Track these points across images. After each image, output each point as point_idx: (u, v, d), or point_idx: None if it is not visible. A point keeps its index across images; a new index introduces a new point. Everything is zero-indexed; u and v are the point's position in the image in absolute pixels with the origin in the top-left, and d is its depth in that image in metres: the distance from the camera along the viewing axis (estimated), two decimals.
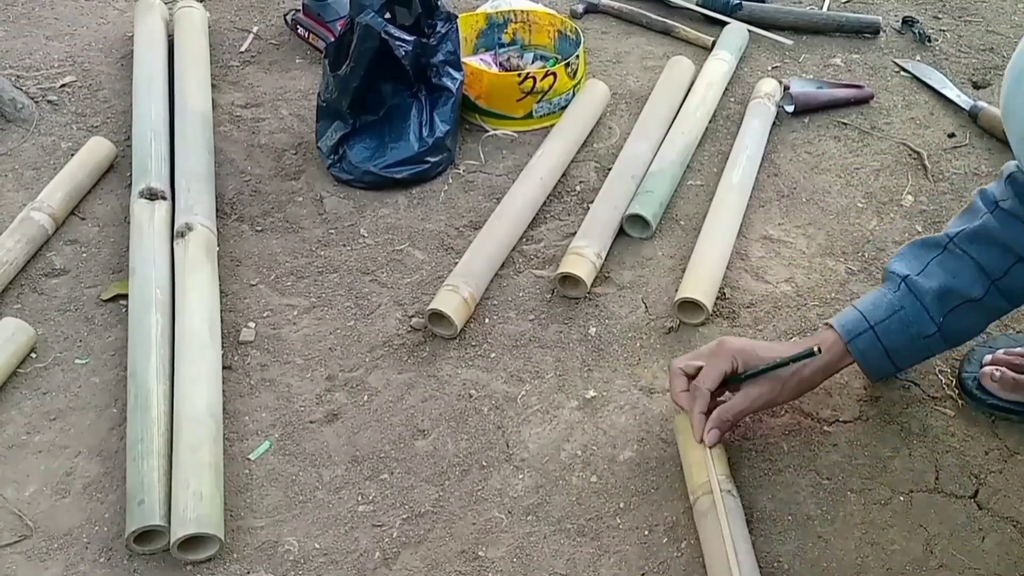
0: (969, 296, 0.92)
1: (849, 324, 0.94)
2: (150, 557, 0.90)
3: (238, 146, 1.42)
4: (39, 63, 1.56)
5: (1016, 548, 0.90)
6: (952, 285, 0.92)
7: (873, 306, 0.95)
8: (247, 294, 1.18)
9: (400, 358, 1.11)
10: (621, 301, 1.17)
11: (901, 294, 0.94)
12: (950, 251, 0.93)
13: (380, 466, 0.99)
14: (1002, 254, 0.91)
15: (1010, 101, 0.74)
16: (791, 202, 1.32)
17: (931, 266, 0.94)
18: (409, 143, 1.33)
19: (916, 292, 0.93)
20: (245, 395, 1.06)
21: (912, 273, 0.94)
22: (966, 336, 0.97)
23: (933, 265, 0.94)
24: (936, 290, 0.92)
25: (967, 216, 0.95)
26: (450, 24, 1.35)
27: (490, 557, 0.91)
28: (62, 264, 1.21)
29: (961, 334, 0.96)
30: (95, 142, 1.35)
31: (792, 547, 0.90)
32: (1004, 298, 0.92)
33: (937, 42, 1.65)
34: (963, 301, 0.92)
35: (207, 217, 1.22)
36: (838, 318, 0.96)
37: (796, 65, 1.61)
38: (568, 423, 1.03)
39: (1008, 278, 0.91)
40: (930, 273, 0.93)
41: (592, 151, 1.41)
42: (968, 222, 0.93)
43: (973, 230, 0.92)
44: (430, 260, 1.23)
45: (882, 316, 0.94)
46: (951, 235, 0.94)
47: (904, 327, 0.93)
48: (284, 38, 1.66)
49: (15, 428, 1.02)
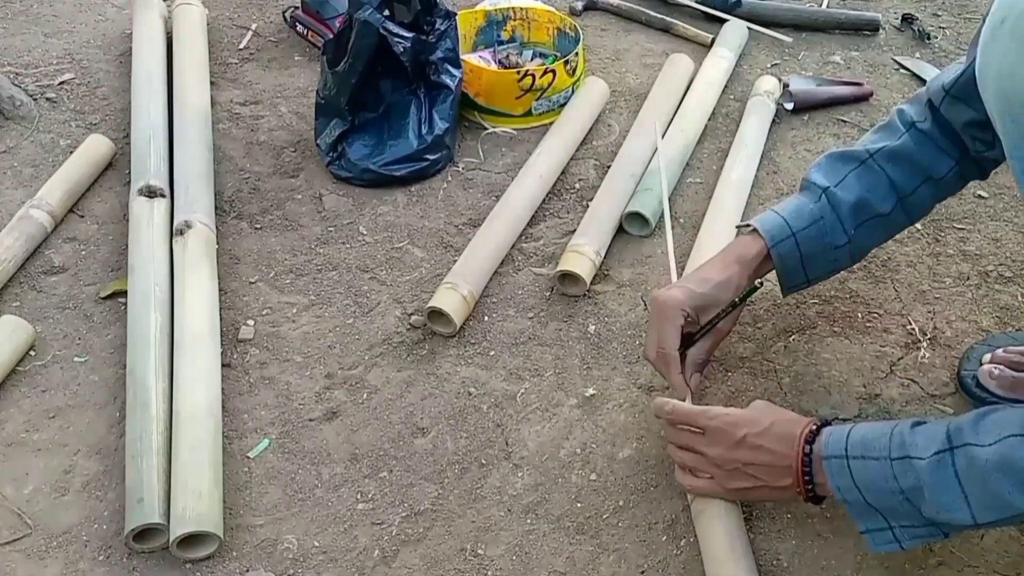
0: (879, 211, 0.96)
1: (774, 230, 0.96)
2: (149, 555, 0.90)
3: (237, 144, 1.42)
4: (38, 60, 1.56)
5: (1015, 546, 0.90)
6: (867, 199, 0.95)
7: (796, 214, 0.97)
8: (246, 292, 1.18)
9: (399, 356, 1.11)
10: (620, 299, 1.17)
11: (821, 204, 0.96)
12: (868, 166, 0.96)
13: (379, 464, 0.99)
14: (912, 173, 0.95)
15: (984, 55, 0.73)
16: None
17: (849, 179, 0.96)
18: (408, 141, 1.33)
19: (834, 203, 0.96)
20: (244, 393, 1.06)
21: (831, 184, 0.96)
22: (867, 250, 1.01)
23: (851, 178, 0.96)
24: (852, 203, 0.95)
25: (885, 133, 0.98)
26: (449, 21, 1.35)
27: (489, 555, 0.91)
28: (61, 262, 1.21)
29: (864, 248, 1.00)
30: (94, 140, 1.35)
31: (791, 545, 0.91)
32: (906, 214, 0.98)
33: (936, 39, 1.65)
34: (873, 215, 0.96)
35: (206, 215, 1.22)
36: (761, 221, 0.97)
37: (795, 62, 1.60)
38: (567, 421, 1.03)
39: (914, 195, 0.96)
40: (847, 186, 0.96)
41: (591, 149, 1.41)
42: (887, 140, 0.97)
43: (892, 149, 0.96)
44: (429, 258, 1.23)
45: (803, 224, 0.96)
46: (871, 151, 0.96)
47: (820, 236, 0.96)
48: (283, 35, 1.66)
49: (14, 426, 1.02)
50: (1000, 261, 1.21)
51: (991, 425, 0.72)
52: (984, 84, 0.73)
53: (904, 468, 0.75)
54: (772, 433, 0.84)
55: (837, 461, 0.79)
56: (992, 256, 1.22)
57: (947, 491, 0.73)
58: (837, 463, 0.79)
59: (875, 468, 0.77)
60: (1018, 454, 0.69)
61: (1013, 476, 0.69)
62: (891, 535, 0.79)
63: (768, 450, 0.84)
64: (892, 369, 1.07)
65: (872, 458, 0.77)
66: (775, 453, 0.83)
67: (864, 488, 0.78)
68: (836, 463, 0.80)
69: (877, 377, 1.06)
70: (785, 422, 0.85)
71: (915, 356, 1.09)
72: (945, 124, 0.94)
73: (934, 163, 0.95)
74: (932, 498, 0.74)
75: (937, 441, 0.74)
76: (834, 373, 1.07)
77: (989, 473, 0.70)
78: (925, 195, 0.96)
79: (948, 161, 0.94)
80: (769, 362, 1.08)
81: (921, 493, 0.74)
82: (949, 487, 0.73)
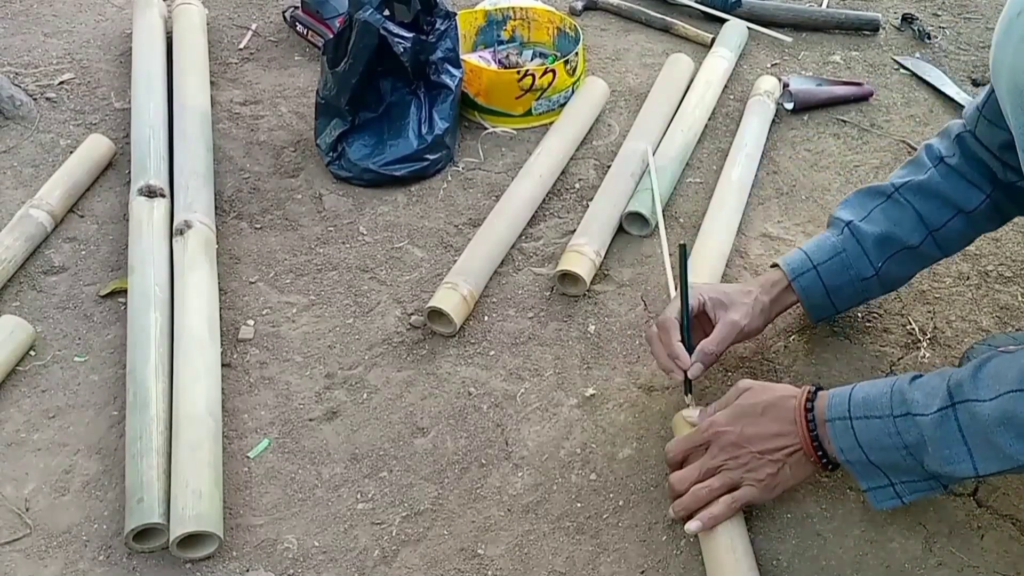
0: (907, 244, 0.98)
1: (794, 263, 1.00)
2: (149, 555, 0.90)
3: (237, 143, 1.42)
4: (38, 60, 1.56)
5: (1015, 546, 0.90)
6: (893, 232, 0.98)
7: (817, 248, 1.00)
8: (246, 292, 1.18)
9: (399, 356, 1.11)
10: (620, 299, 1.17)
11: (844, 238, 0.99)
12: (894, 200, 0.99)
13: (379, 464, 0.99)
14: (942, 207, 0.97)
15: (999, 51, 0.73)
16: (790, 200, 1.32)
17: (874, 213, 0.99)
18: (408, 140, 1.33)
19: (858, 236, 0.99)
20: (244, 393, 1.06)
21: (855, 219, 0.99)
22: (899, 282, 1.04)
23: (876, 212, 0.99)
24: (877, 236, 0.98)
25: (912, 168, 1.00)
26: (449, 21, 1.35)
27: (489, 555, 0.91)
28: (61, 262, 1.21)
29: (896, 280, 1.02)
30: (94, 139, 1.35)
31: (791, 545, 0.90)
32: (938, 248, 0.99)
33: (936, 39, 1.65)
34: (901, 248, 0.98)
35: (206, 215, 1.22)
36: (784, 258, 1.02)
37: (795, 62, 1.60)
38: (567, 421, 1.03)
39: (945, 229, 0.98)
40: (873, 219, 0.99)
41: (591, 148, 1.41)
42: (914, 174, 0.99)
43: (919, 183, 0.98)
44: (429, 258, 1.23)
45: (825, 257, 0.99)
46: (896, 185, 0.99)
47: (844, 268, 0.99)
48: (283, 35, 1.66)
49: (14, 426, 1.02)
50: (1000, 261, 1.21)
51: (988, 379, 0.75)
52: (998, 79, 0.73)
53: (907, 424, 0.78)
54: (769, 414, 0.86)
55: (841, 423, 0.82)
56: (992, 256, 1.22)
57: (951, 445, 0.76)
58: (841, 424, 0.82)
59: (878, 426, 0.80)
60: (1018, 408, 0.72)
61: (1013, 430, 0.73)
62: (892, 491, 0.83)
63: (773, 434, 0.86)
64: (892, 369, 1.07)
65: (875, 417, 0.80)
66: (781, 432, 0.85)
67: (867, 447, 0.81)
68: (840, 425, 0.82)
69: (877, 377, 1.06)
70: (778, 399, 0.87)
71: (915, 356, 1.09)
72: (973, 157, 0.96)
73: (964, 196, 0.96)
74: (936, 452, 0.77)
75: (939, 398, 0.77)
76: (834, 373, 1.07)
77: (991, 427, 0.74)
78: (956, 228, 0.98)
79: (978, 194, 0.96)
80: (769, 362, 1.08)
81: (924, 447, 0.78)
82: (953, 441, 0.76)
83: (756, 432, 0.86)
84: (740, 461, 0.87)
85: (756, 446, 0.86)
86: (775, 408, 0.86)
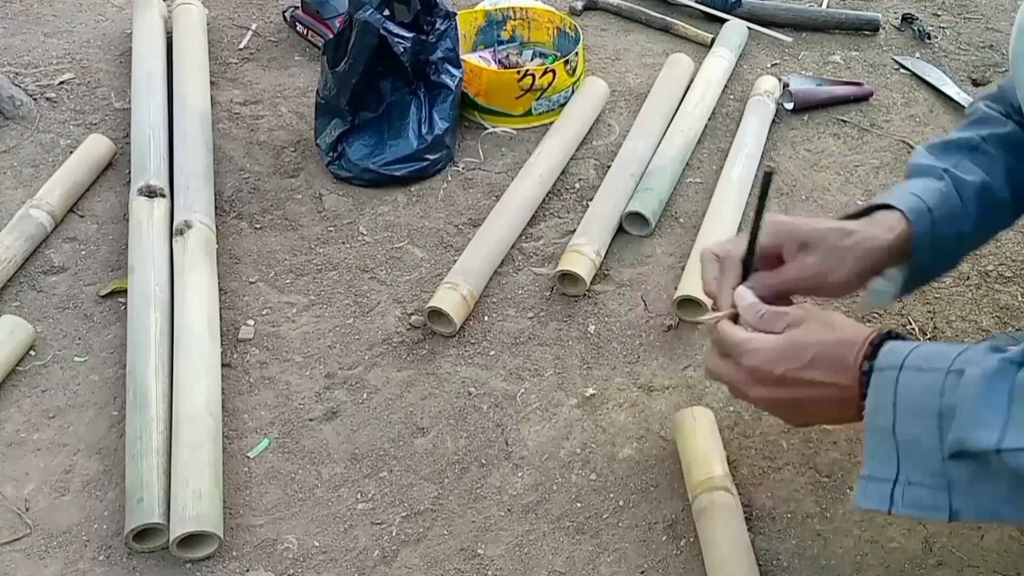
0: (1000, 197, 0.83)
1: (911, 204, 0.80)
2: (149, 555, 0.90)
3: (237, 143, 1.42)
4: (38, 60, 1.56)
5: (1015, 545, 0.90)
6: (989, 184, 0.82)
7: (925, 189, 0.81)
8: (246, 292, 1.18)
9: (399, 356, 1.11)
10: (620, 299, 1.17)
11: (947, 183, 0.81)
12: (983, 151, 0.84)
13: (379, 464, 0.99)
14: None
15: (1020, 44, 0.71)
16: (790, 200, 1.32)
17: (965, 163, 0.83)
18: (408, 140, 1.33)
19: (958, 185, 0.82)
20: (244, 393, 1.06)
21: (949, 166, 0.83)
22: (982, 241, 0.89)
23: (967, 162, 0.83)
24: (978, 185, 0.82)
25: (984, 124, 0.86)
26: (449, 21, 1.35)
27: (489, 555, 0.91)
28: (61, 262, 1.21)
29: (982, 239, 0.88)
30: (94, 139, 1.35)
31: (791, 545, 0.91)
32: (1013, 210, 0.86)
33: (937, 39, 1.65)
34: (995, 201, 0.83)
35: (206, 215, 1.22)
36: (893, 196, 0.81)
37: (795, 62, 1.60)
38: (567, 421, 1.03)
39: None
40: (967, 168, 0.83)
41: (591, 148, 1.41)
42: (993, 127, 0.85)
43: (1004, 135, 0.84)
44: (429, 258, 1.23)
45: (935, 201, 0.80)
46: (983, 136, 0.85)
47: (953, 219, 0.81)
48: (283, 35, 1.66)
49: (14, 426, 1.02)
50: (1000, 261, 1.21)
51: None
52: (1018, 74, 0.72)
53: (955, 382, 0.65)
54: (818, 364, 0.72)
55: (888, 373, 0.69)
56: (992, 256, 1.22)
57: (990, 403, 0.64)
58: (887, 376, 0.69)
59: (926, 380, 0.67)
60: None
61: None
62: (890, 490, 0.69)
63: (817, 383, 0.72)
64: None
65: (928, 370, 0.67)
66: (825, 385, 0.72)
67: (902, 407, 0.68)
68: (887, 375, 0.69)
69: None
70: (833, 344, 0.72)
71: None
72: None
73: None
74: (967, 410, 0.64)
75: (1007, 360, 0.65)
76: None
77: None
78: None
79: None
80: None
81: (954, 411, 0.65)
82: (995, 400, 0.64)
83: (797, 379, 0.73)
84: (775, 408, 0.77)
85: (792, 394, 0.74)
86: (825, 358, 0.72)
